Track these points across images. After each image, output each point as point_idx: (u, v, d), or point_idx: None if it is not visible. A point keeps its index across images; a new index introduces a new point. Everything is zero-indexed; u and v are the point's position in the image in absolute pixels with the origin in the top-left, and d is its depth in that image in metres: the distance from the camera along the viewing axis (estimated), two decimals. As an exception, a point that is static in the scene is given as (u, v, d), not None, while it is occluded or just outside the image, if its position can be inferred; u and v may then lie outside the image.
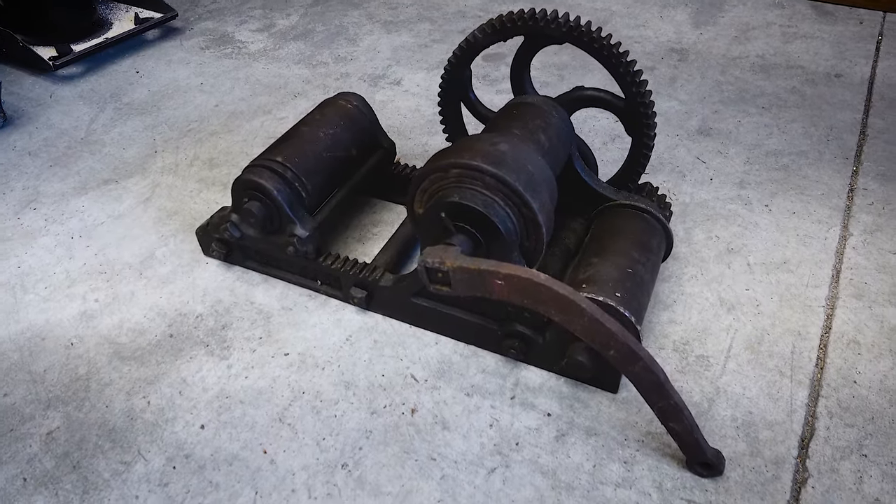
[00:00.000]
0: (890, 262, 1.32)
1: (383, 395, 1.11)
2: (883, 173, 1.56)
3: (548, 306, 0.90)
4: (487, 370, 1.14)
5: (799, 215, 1.44)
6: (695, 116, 1.79)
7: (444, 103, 1.34)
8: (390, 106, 1.88)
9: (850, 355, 1.14)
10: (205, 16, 2.45)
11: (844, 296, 1.25)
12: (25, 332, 1.25)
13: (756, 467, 0.98)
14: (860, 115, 1.77)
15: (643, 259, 1.10)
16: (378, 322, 1.23)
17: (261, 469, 1.01)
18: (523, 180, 0.97)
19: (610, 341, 0.89)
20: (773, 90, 1.89)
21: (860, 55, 2.04)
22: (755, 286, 1.28)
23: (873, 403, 1.07)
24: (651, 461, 1.00)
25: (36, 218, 1.52)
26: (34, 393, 1.14)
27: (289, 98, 1.93)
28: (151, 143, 1.76)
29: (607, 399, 1.08)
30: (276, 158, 1.18)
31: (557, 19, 1.10)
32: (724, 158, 1.63)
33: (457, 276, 0.93)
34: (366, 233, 1.45)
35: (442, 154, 1.02)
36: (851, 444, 1.01)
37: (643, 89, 1.12)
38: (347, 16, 2.41)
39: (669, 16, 2.33)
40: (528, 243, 1.01)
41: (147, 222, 1.49)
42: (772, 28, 2.23)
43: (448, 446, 1.03)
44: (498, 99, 1.87)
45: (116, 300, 1.30)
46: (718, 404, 1.07)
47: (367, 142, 1.37)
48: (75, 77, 2.07)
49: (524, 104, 1.17)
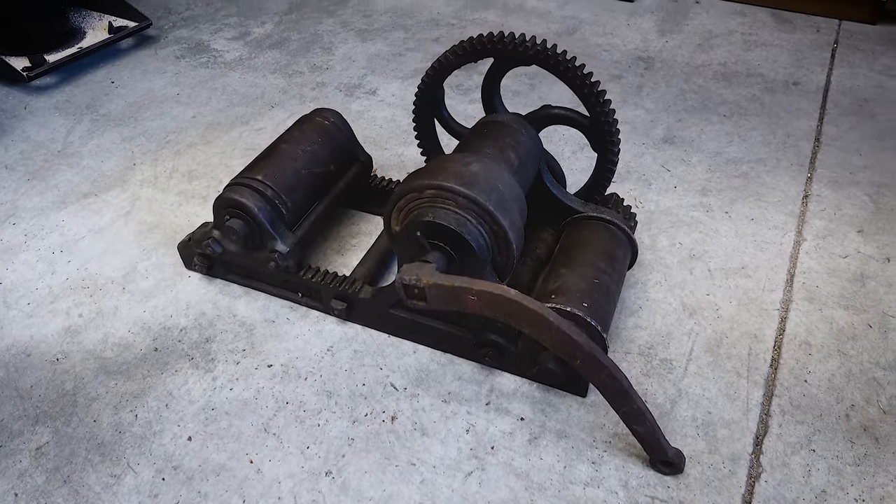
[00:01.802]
0: (840, 265, 1.41)
1: (364, 404, 1.16)
2: (835, 179, 1.65)
3: (518, 320, 0.96)
4: (463, 377, 1.20)
5: (757, 221, 1.52)
6: (660, 125, 1.86)
7: (419, 119, 1.39)
8: (366, 116, 1.92)
9: (802, 356, 1.23)
10: (179, 24, 2.46)
11: (798, 299, 1.34)
12: (10, 349, 1.27)
13: (714, 464, 1.06)
14: (815, 122, 1.86)
15: (609, 269, 1.16)
16: (358, 332, 1.28)
17: (248, 478, 1.05)
18: (494, 200, 1.02)
19: (576, 352, 0.95)
20: (735, 98, 1.97)
21: (816, 63, 2.13)
22: (715, 291, 1.35)
23: (822, 401, 1.15)
24: (617, 461, 1.06)
25: (15, 233, 1.54)
26: (22, 409, 1.17)
27: (266, 108, 1.96)
28: (130, 155, 1.78)
29: (576, 403, 1.15)
30: (256, 177, 1.22)
31: (525, 43, 1.15)
32: (688, 166, 1.70)
33: (432, 292, 0.99)
34: (344, 244, 1.49)
35: (417, 174, 1.07)
36: (801, 439, 1.09)
37: (607, 108, 1.18)
38: (322, 24, 2.44)
39: (636, 24, 2.40)
40: (499, 259, 1.07)
41: (128, 236, 1.52)
42: (733, 36, 2.31)
43: (427, 451, 1.08)
44: (471, 108, 1.92)
45: (100, 315, 1.33)
46: (680, 405, 1.14)
47: (345, 157, 1.41)
48: (50, 88, 2.08)
49: (495, 123, 1.23)
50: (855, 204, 1.57)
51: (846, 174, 1.66)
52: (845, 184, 1.63)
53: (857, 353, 1.23)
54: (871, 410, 1.13)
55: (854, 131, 1.82)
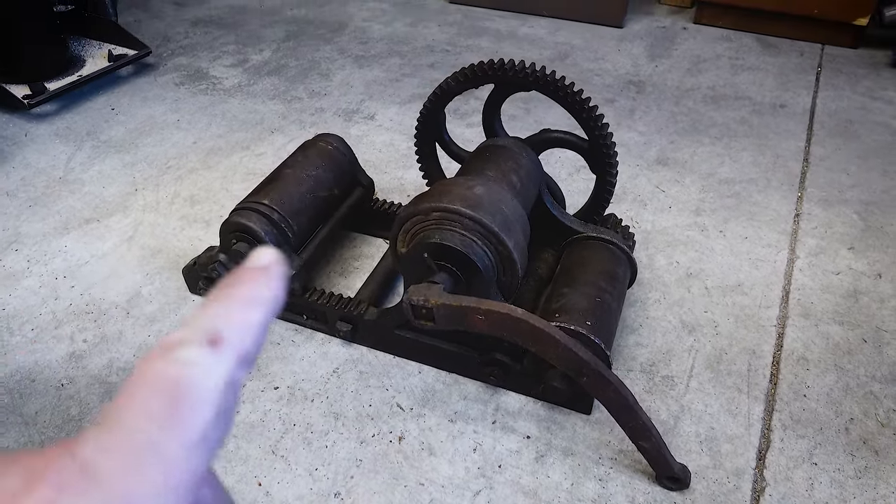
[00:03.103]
0: (833, 282, 1.44)
1: (371, 425, 1.17)
2: (825, 198, 1.69)
3: (525, 338, 0.98)
4: (469, 397, 1.21)
5: (751, 240, 1.56)
6: (653, 147, 1.90)
7: (421, 144, 1.42)
8: (365, 140, 1.95)
9: (800, 371, 1.25)
10: (178, 51, 2.50)
11: (793, 315, 1.36)
12: (14, 375, 1.27)
13: (719, 479, 1.07)
14: (803, 143, 1.91)
15: (610, 288, 1.19)
16: (363, 354, 1.29)
17: (256, 501, 1.05)
18: (499, 221, 1.05)
19: (582, 368, 0.97)
20: (724, 120, 2.02)
21: (801, 86, 2.20)
22: (713, 308, 1.38)
23: (822, 415, 1.17)
24: (624, 477, 1.08)
25: (18, 259, 1.54)
26: (27, 435, 1.16)
27: (266, 134, 1.99)
28: (131, 180, 1.80)
29: (581, 420, 1.16)
30: (262, 201, 1.24)
31: (525, 69, 1.19)
32: (681, 187, 1.74)
33: (440, 312, 1.00)
34: (347, 266, 1.51)
35: (422, 198, 1.09)
36: (803, 453, 1.11)
37: (605, 132, 1.21)
38: (319, 51, 2.49)
39: (626, 49, 2.47)
40: (504, 278, 1.09)
41: (131, 261, 1.53)
42: (721, 60, 2.38)
43: (435, 471, 1.09)
44: (469, 132, 1.96)
45: (105, 340, 1.34)
46: (683, 421, 1.16)
47: (348, 181, 1.43)
48: (50, 115, 2.09)
49: (496, 147, 1.26)
50: (845, 222, 1.61)
51: (835, 193, 1.71)
52: (835, 202, 1.67)
53: (853, 368, 1.25)
54: (870, 423, 1.15)
55: (841, 151, 1.87)
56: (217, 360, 0.27)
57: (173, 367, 0.26)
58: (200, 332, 0.27)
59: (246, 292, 0.30)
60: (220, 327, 0.28)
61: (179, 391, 0.25)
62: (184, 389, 0.25)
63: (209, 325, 0.28)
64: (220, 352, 0.27)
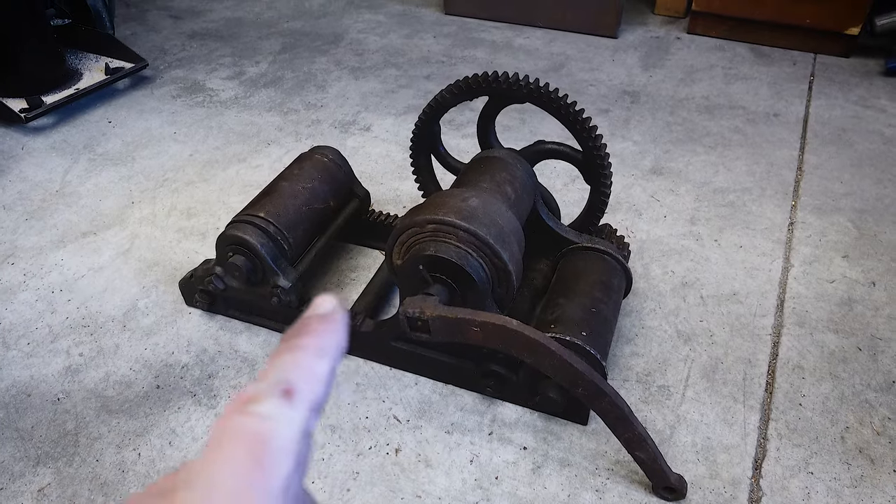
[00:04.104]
0: (827, 290, 1.45)
1: (368, 437, 1.17)
2: (819, 207, 1.70)
3: (520, 350, 0.98)
4: (465, 408, 1.21)
5: (745, 249, 1.57)
6: (648, 156, 1.91)
7: (416, 155, 1.43)
8: (361, 152, 1.96)
9: (796, 380, 1.25)
10: (174, 64, 2.51)
11: (788, 324, 1.37)
12: (10, 389, 1.27)
13: (715, 489, 1.07)
14: (797, 151, 1.92)
15: (605, 298, 1.19)
16: (360, 366, 1.29)
17: (253, 515, 1.05)
18: (493, 233, 1.05)
19: (578, 380, 0.97)
20: (718, 130, 2.03)
21: (794, 95, 2.21)
22: (708, 317, 1.38)
23: (817, 424, 1.17)
24: (620, 488, 1.08)
25: (14, 273, 1.54)
26: (23, 450, 1.16)
27: (262, 146, 2.00)
28: (128, 193, 1.80)
29: (578, 431, 1.16)
30: (259, 214, 1.25)
31: (519, 82, 1.20)
32: (676, 196, 1.75)
33: (436, 324, 1.01)
34: (344, 278, 1.51)
35: (418, 210, 1.10)
36: (799, 462, 1.11)
37: (598, 143, 1.22)
38: (315, 62, 2.50)
39: (621, 59, 2.49)
40: (499, 290, 1.10)
41: (128, 274, 1.53)
42: (714, 70, 2.40)
43: (432, 483, 1.09)
44: (464, 143, 1.97)
45: (101, 353, 1.34)
46: (679, 431, 1.16)
47: (344, 193, 1.44)
48: (47, 128, 2.10)
49: (491, 158, 1.26)
50: (839, 230, 1.62)
51: (829, 201, 1.72)
52: (829, 211, 1.68)
53: (848, 376, 1.26)
54: (865, 432, 1.16)
55: (834, 160, 1.88)
56: (292, 411, 0.27)
57: (253, 422, 0.27)
58: (274, 384, 0.28)
59: (313, 342, 0.30)
60: (292, 379, 0.28)
61: (262, 444, 0.26)
62: (265, 442, 0.26)
63: (282, 378, 0.28)
64: (295, 403, 0.28)
